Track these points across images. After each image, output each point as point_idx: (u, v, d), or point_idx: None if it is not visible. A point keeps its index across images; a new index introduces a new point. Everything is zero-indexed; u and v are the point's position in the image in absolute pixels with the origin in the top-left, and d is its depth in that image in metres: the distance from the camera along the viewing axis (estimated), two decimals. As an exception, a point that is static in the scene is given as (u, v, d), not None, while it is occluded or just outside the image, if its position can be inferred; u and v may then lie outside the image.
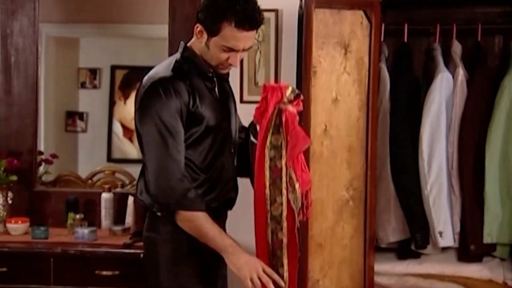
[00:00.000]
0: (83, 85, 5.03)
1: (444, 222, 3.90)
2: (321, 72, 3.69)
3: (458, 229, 3.96)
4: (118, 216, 4.49)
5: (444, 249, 4.02)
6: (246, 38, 2.87)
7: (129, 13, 4.87)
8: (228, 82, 3.16)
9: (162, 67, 2.98)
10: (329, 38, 3.70)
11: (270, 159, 2.87)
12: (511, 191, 3.86)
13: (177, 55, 3.03)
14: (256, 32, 2.94)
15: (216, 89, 3.06)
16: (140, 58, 4.91)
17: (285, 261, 2.94)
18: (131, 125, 4.96)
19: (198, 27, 2.93)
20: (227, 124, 3.08)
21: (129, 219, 4.41)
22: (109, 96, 5.03)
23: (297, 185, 2.89)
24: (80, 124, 5.02)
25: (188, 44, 3.04)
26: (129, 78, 4.98)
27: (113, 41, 5.02)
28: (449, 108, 3.92)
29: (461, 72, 3.92)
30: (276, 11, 4.43)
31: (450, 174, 3.94)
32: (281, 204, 2.87)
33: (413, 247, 3.99)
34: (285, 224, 2.89)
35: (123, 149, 5.03)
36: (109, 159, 5.05)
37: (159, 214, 2.99)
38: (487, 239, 3.88)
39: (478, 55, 4.04)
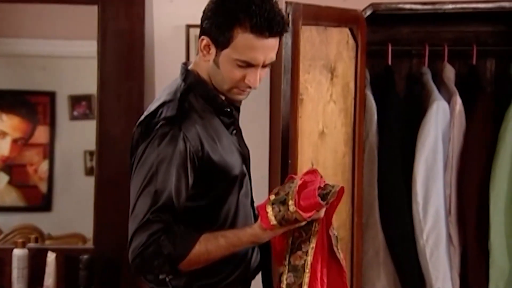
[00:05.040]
0: None
1: (443, 278, 3.68)
2: (308, 100, 3.36)
3: (457, 286, 3.73)
4: (34, 277, 4.00)
5: (442, 309, 3.78)
6: (267, 48, 2.39)
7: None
8: (238, 109, 2.67)
9: (166, 102, 2.47)
10: (315, 60, 3.39)
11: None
12: (520, 241, 3.65)
13: (178, 84, 2.53)
14: (280, 41, 2.46)
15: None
16: None
17: None
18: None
19: (204, 40, 2.45)
20: (247, 166, 2.63)
21: (49, 281, 3.95)
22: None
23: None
24: None
25: (190, 67, 2.55)
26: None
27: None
28: (446, 142, 3.70)
29: (458, 101, 3.70)
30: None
31: (448, 221, 3.70)
32: (306, 253, 2.42)
33: (406, 308, 3.75)
34: (307, 280, 2.44)
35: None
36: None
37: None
38: (493, 297, 3.66)
39: (474, 81, 3.84)
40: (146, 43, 4.04)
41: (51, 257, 3.93)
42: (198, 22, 3.96)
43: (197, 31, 3.94)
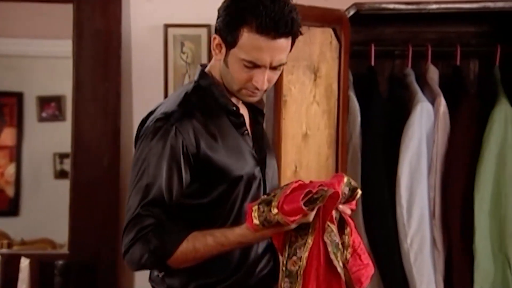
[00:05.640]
0: None
1: (427, 282, 3.66)
2: (291, 101, 3.34)
3: (441, 290, 3.73)
4: (7, 284, 3.96)
5: (426, 314, 3.76)
6: (274, 49, 2.38)
7: None
8: (262, 113, 2.66)
9: (170, 99, 2.51)
10: (299, 61, 3.37)
11: None
12: (503, 243, 3.64)
13: (190, 83, 2.55)
14: (293, 43, 2.45)
15: (247, 125, 2.57)
16: None
17: None
18: None
19: (216, 38, 2.44)
20: (262, 169, 2.58)
21: (23, 287, 3.88)
22: None
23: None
24: None
25: (207, 69, 2.55)
26: None
27: None
28: (430, 144, 3.68)
29: (442, 103, 3.68)
30: (208, 26, 4.02)
31: (432, 224, 3.68)
32: (300, 259, 2.38)
33: (390, 313, 3.72)
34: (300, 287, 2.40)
35: None
36: None
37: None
38: (478, 301, 3.65)
39: (458, 82, 3.82)
40: (123, 43, 4.00)
41: (24, 263, 3.87)
42: (176, 21, 4.01)
43: (175, 30, 4.01)
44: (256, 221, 2.26)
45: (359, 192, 2.39)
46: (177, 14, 4.00)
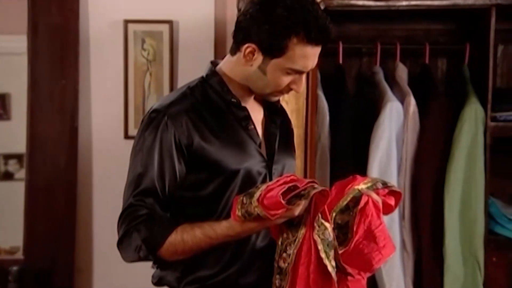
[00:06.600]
0: None
1: (397, 285, 3.64)
2: None
3: (411, 292, 3.70)
4: None
5: (396, 317, 3.74)
6: (316, 55, 2.42)
7: None
8: (279, 110, 2.66)
9: (172, 93, 2.56)
10: None
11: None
12: (473, 245, 3.64)
13: (195, 80, 2.55)
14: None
15: (259, 123, 2.56)
16: None
17: None
18: None
19: (250, 47, 2.41)
20: (269, 166, 2.54)
21: None
22: None
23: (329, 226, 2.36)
24: None
25: (218, 67, 2.53)
26: None
27: None
28: (400, 144, 3.66)
29: (412, 102, 3.65)
30: (170, 22, 3.96)
31: (402, 226, 3.66)
32: (289, 256, 2.34)
33: (360, 316, 3.63)
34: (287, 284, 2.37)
35: None
36: None
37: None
38: (448, 304, 3.64)
39: (427, 80, 3.79)
40: (81, 39, 3.93)
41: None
42: (137, 17, 3.92)
43: (135, 26, 3.92)
44: (238, 213, 2.27)
45: (395, 188, 2.41)
46: (137, 9, 3.93)
